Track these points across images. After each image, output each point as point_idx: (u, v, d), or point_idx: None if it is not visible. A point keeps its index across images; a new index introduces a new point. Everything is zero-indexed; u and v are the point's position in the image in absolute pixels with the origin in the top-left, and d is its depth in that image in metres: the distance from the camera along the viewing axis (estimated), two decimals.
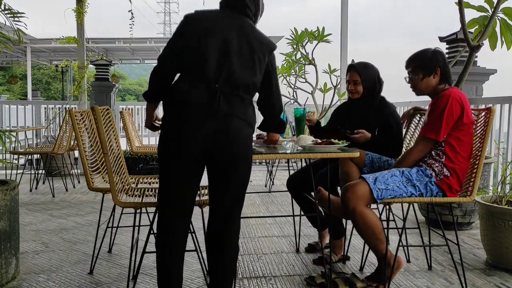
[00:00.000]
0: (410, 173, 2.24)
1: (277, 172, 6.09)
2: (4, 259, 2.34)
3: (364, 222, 2.17)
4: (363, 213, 2.17)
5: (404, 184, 2.21)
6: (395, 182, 2.20)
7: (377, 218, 2.21)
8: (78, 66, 6.09)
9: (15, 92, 30.50)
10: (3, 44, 2.73)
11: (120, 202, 2.18)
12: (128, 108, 8.00)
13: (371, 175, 2.23)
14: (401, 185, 2.21)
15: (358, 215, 2.17)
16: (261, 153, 2.11)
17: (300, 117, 2.75)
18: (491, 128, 2.26)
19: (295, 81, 5.27)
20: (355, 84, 2.74)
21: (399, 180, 2.22)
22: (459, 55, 3.94)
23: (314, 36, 4.92)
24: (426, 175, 2.24)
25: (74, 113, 2.56)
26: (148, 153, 5.20)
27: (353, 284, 2.33)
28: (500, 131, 3.94)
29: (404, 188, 2.21)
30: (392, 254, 2.29)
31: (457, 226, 3.38)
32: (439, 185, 2.24)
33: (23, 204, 4.39)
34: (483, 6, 3.30)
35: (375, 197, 2.16)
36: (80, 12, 5.91)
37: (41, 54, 18.77)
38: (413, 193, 2.22)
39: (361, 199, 2.16)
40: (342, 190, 2.26)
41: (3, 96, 17.25)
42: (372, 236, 2.19)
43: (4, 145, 2.70)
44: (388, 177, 2.22)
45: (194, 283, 2.45)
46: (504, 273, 2.62)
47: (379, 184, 2.18)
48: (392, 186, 2.19)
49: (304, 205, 2.90)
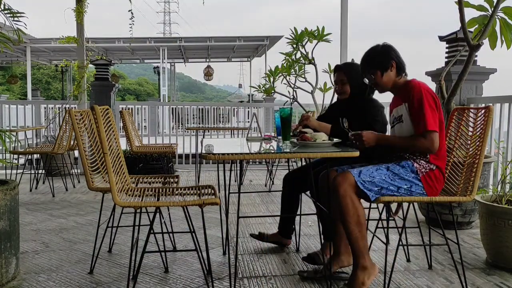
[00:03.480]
0: (396, 168, 2.25)
1: (277, 172, 6.10)
2: (4, 258, 2.34)
3: (353, 207, 2.17)
4: (353, 198, 2.18)
5: (390, 177, 2.22)
6: (380, 175, 2.22)
7: (363, 210, 2.23)
8: (78, 65, 6.09)
9: (15, 92, 30.51)
10: (3, 44, 2.73)
11: (120, 202, 2.18)
12: (128, 107, 8.00)
13: (356, 169, 2.25)
14: (387, 178, 2.22)
15: (348, 198, 2.17)
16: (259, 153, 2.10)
17: (287, 118, 2.60)
18: (490, 127, 2.27)
19: (295, 81, 5.26)
20: (342, 84, 2.73)
21: (385, 173, 2.23)
22: (459, 54, 3.93)
23: (314, 36, 4.91)
24: (412, 170, 2.25)
25: (74, 112, 2.56)
26: (148, 153, 5.20)
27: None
28: (500, 130, 3.94)
29: (390, 181, 2.21)
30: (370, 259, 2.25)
31: (457, 225, 3.38)
32: (423, 180, 2.24)
33: (23, 204, 4.39)
34: (483, 5, 3.29)
35: (360, 188, 2.17)
36: (80, 11, 5.90)
37: (41, 54, 18.77)
38: (401, 187, 2.22)
39: (351, 186, 2.18)
40: (332, 177, 2.27)
41: (3, 96, 17.22)
42: (357, 225, 2.18)
43: (4, 145, 2.70)
44: (373, 170, 2.23)
45: (194, 283, 2.45)
46: (504, 272, 2.62)
47: (363, 176, 2.20)
48: (378, 179, 2.20)
49: (291, 205, 2.92)
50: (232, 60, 23.25)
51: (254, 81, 32.94)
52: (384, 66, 2.34)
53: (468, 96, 4.23)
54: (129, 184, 2.59)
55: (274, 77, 5.30)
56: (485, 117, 2.29)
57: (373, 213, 2.94)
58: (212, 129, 7.37)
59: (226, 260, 2.78)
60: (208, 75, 20.28)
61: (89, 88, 6.32)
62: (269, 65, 8.10)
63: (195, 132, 6.35)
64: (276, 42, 16.22)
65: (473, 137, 2.39)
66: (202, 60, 21.86)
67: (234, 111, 12.92)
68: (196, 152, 5.76)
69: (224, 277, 2.52)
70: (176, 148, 5.29)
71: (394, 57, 2.35)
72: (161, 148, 5.16)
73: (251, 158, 2.27)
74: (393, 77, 2.36)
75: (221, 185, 3.86)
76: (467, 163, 2.37)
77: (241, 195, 2.51)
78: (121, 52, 19.32)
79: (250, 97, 16.76)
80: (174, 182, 2.80)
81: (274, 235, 3.06)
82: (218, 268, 2.68)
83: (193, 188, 2.44)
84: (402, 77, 2.38)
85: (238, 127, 7.61)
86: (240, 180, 2.42)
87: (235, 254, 2.52)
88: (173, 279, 2.51)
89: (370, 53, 2.42)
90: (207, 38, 16.75)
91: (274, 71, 5.24)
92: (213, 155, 2.03)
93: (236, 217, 3.08)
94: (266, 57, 17.59)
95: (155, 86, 44.68)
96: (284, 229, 3.04)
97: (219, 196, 2.39)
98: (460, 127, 2.51)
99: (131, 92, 43.68)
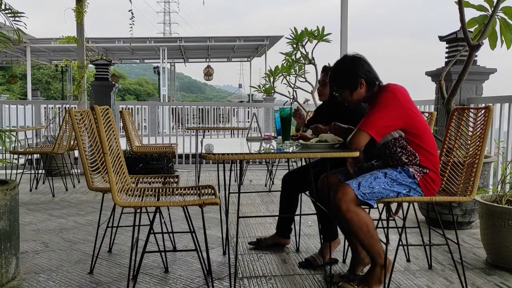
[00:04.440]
0: (393, 174, 2.23)
1: (277, 172, 6.10)
2: (4, 258, 2.34)
3: (359, 220, 2.15)
4: (357, 211, 2.15)
5: (389, 184, 2.20)
6: (379, 184, 2.18)
7: (369, 216, 2.20)
8: (78, 65, 6.09)
9: (15, 92, 30.52)
10: (3, 44, 2.73)
11: (120, 202, 2.18)
12: (128, 107, 8.01)
13: (354, 180, 2.20)
14: (386, 185, 2.19)
15: (353, 214, 2.14)
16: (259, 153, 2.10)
17: (287, 117, 2.62)
18: (490, 127, 2.26)
19: (295, 81, 5.27)
20: (323, 85, 2.71)
21: (383, 181, 2.19)
22: (459, 54, 3.94)
23: (314, 36, 4.92)
24: (409, 175, 2.22)
25: (74, 112, 2.56)
26: (148, 153, 5.20)
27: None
28: (500, 130, 3.94)
29: (390, 188, 2.19)
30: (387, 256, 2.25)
31: (457, 225, 3.38)
32: (421, 184, 2.23)
33: (23, 204, 4.39)
34: (483, 5, 3.29)
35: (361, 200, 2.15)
36: (80, 11, 5.90)
37: (41, 54, 18.77)
38: (400, 192, 2.21)
39: (352, 200, 2.14)
40: (332, 191, 2.21)
41: (3, 96, 17.22)
42: (367, 234, 2.17)
43: (4, 145, 2.70)
44: (371, 180, 2.19)
45: (194, 283, 2.45)
46: (504, 272, 2.62)
47: (363, 188, 2.16)
48: (377, 188, 2.17)
49: (290, 205, 2.92)
50: (232, 60, 23.25)
51: (254, 81, 32.98)
52: (353, 86, 2.27)
53: (468, 96, 4.23)
54: (129, 184, 2.59)
55: (274, 77, 5.30)
56: (485, 117, 2.29)
57: (373, 213, 2.94)
58: (212, 129, 7.37)
59: (226, 260, 2.78)
60: (208, 75, 20.27)
61: (89, 88, 6.32)
62: (269, 65, 8.10)
63: (195, 132, 6.36)
64: (276, 42, 16.22)
65: (473, 137, 2.38)
66: (202, 60, 21.86)
67: (234, 111, 12.92)
68: (196, 152, 5.76)
69: (224, 277, 2.52)
70: (176, 148, 5.29)
71: (362, 73, 2.25)
72: (161, 148, 5.16)
73: (251, 158, 2.27)
74: (364, 93, 2.28)
75: (221, 185, 3.86)
76: (467, 163, 2.37)
77: (241, 195, 2.51)
78: (121, 52, 19.32)
79: (250, 97, 16.75)
80: (174, 182, 2.80)
81: (272, 237, 3.06)
82: (218, 268, 2.68)
83: (193, 188, 2.44)
84: (376, 87, 2.28)
85: (238, 127, 7.61)
86: (240, 180, 2.42)
87: (235, 254, 2.52)
88: (173, 279, 2.51)
89: (336, 73, 2.33)
90: (207, 38, 16.75)
91: (274, 71, 5.25)
92: (213, 155, 2.03)
93: (236, 217, 3.08)
94: (266, 57, 17.59)
95: (155, 86, 44.69)
96: (282, 229, 3.04)
97: (219, 196, 2.39)
98: (460, 127, 2.50)
99: (131, 92, 43.68)
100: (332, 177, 2.41)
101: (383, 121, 2.16)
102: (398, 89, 2.20)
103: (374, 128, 2.14)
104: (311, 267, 2.66)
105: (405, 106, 2.17)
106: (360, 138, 2.15)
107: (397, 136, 2.26)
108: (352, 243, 2.43)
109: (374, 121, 2.15)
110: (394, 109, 2.16)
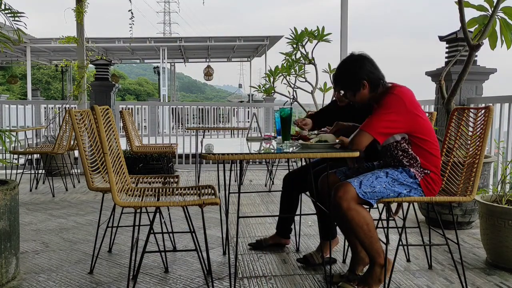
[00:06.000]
0: (395, 174, 2.23)
1: (277, 172, 6.10)
2: (4, 258, 2.35)
3: (360, 218, 2.15)
4: (358, 210, 2.15)
5: (390, 183, 2.20)
6: (381, 184, 2.18)
7: (370, 215, 2.20)
8: (78, 65, 6.09)
9: (15, 92, 30.52)
10: (3, 44, 2.73)
11: (120, 202, 2.18)
12: (128, 107, 8.01)
13: (356, 179, 2.20)
14: (387, 185, 2.19)
15: (354, 212, 2.14)
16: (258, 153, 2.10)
17: (287, 118, 2.60)
18: (490, 127, 2.26)
19: (295, 81, 5.26)
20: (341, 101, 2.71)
21: (385, 181, 2.20)
22: (459, 54, 3.93)
23: (314, 36, 4.91)
24: (410, 175, 2.23)
25: (74, 112, 2.56)
26: (148, 153, 5.20)
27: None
28: (500, 130, 3.94)
29: (391, 188, 2.19)
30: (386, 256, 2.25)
31: (457, 225, 3.38)
32: (422, 184, 2.23)
33: (23, 204, 4.39)
34: (483, 5, 3.29)
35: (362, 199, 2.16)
36: (79, 11, 5.90)
37: (41, 54, 18.78)
38: (401, 192, 2.21)
39: (353, 198, 2.15)
40: (333, 190, 2.21)
41: (3, 96, 17.21)
42: (368, 233, 2.17)
43: (4, 145, 2.70)
44: (373, 179, 2.19)
45: (194, 283, 2.45)
46: (504, 272, 2.62)
47: (364, 187, 2.16)
48: (378, 188, 2.17)
49: (291, 205, 2.92)
50: (232, 60, 23.26)
51: (254, 81, 32.97)
52: (356, 87, 2.27)
53: (468, 96, 4.23)
54: (129, 184, 2.59)
55: (274, 77, 5.30)
56: (485, 117, 2.29)
57: (373, 213, 2.93)
58: (212, 129, 7.37)
59: (226, 260, 2.78)
60: (208, 75, 20.27)
61: (89, 88, 6.32)
62: (269, 65, 8.10)
63: (195, 132, 6.35)
64: (276, 42, 16.22)
65: (473, 137, 2.38)
66: (202, 60, 21.87)
67: (234, 111, 12.92)
68: (196, 152, 5.76)
69: (224, 277, 2.52)
70: (176, 148, 5.28)
71: (365, 75, 2.24)
72: (161, 148, 5.16)
73: (251, 158, 2.27)
74: (367, 94, 2.28)
75: (221, 185, 3.86)
76: (467, 163, 2.37)
77: (241, 195, 2.51)
78: (121, 52, 19.33)
79: (250, 97, 16.75)
80: (174, 182, 2.81)
81: (272, 238, 3.05)
82: (218, 268, 2.68)
83: (193, 188, 2.44)
84: (380, 88, 2.28)
85: (238, 127, 7.61)
86: (240, 180, 2.42)
87: (235, 254, 2.52)
88: (173, 279, 2.51)
89: (342, 71, 2.34)
90: (207, 38, 16.75)
91: (274, 71, 5.24)
92: (213, 155, 2.03)
93: (236, 217, 3.08)
94: (266, 57, 17.60)
95: (155, 86, 44.70)
96: (282, 229, 3.04)
97: (219, 196, 2.39)
98: (460, 127, 2.50)
99: (131, 92, 43.68)
100: (332, 177, 2.41)
101: (386, 124, 2.16)
102: (404, 92, 2.20)
103: (377, 130, 2.15)
104: (309, 264, 2.67)
105: (410, 110, 2.17)
106: (362, 139, 2.16)
107: (399, 139, 2.26)
108: (352, 243, 2.43)
109: (378, 123, 2.16)
110: (399, 113, 2.16)
